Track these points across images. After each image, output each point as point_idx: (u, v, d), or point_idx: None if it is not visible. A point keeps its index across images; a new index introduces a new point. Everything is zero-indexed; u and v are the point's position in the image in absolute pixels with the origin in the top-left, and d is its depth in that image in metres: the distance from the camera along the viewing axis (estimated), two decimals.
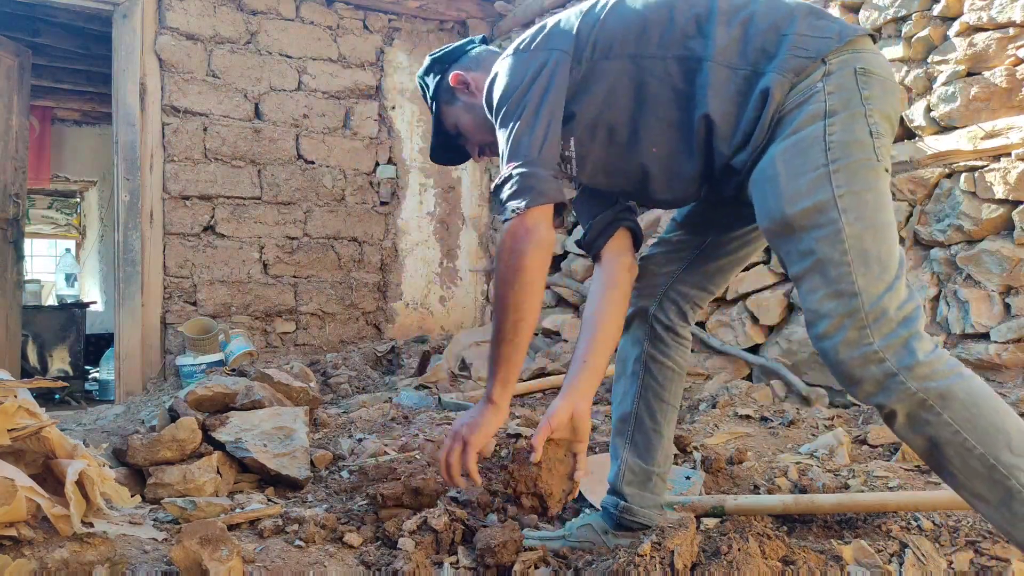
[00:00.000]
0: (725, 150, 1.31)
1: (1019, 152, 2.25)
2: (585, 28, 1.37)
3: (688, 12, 1.32)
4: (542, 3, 4.38)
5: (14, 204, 4.28)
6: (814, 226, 1.19)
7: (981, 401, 1.11)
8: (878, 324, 1.13)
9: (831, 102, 1.22)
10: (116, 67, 3.93)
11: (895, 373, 1.12)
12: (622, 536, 1.55)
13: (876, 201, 1.19)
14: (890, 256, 1.17)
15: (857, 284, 1.15)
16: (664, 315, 1.55)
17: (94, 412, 3.43)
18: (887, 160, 1.23)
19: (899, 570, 1.47)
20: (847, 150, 1.20)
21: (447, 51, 1.62)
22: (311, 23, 4.45)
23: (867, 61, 1.24)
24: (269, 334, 4.32)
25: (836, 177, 1.19)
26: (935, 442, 1.13)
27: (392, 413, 2.69)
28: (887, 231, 1.19)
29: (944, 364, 1.13)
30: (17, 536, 1.16)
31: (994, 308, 2.35)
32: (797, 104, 1.24)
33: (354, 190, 4.58)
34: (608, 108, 1.37)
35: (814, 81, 1.23)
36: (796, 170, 1.21)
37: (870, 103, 1.22)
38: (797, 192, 1.20)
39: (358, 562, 1.43)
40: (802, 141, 1.22)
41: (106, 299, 7.47)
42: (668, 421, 1.59)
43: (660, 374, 1.56)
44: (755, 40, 1.28)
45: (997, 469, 1.09)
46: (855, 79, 1.23)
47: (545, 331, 4.07)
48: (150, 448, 1.86)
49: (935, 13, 2.50)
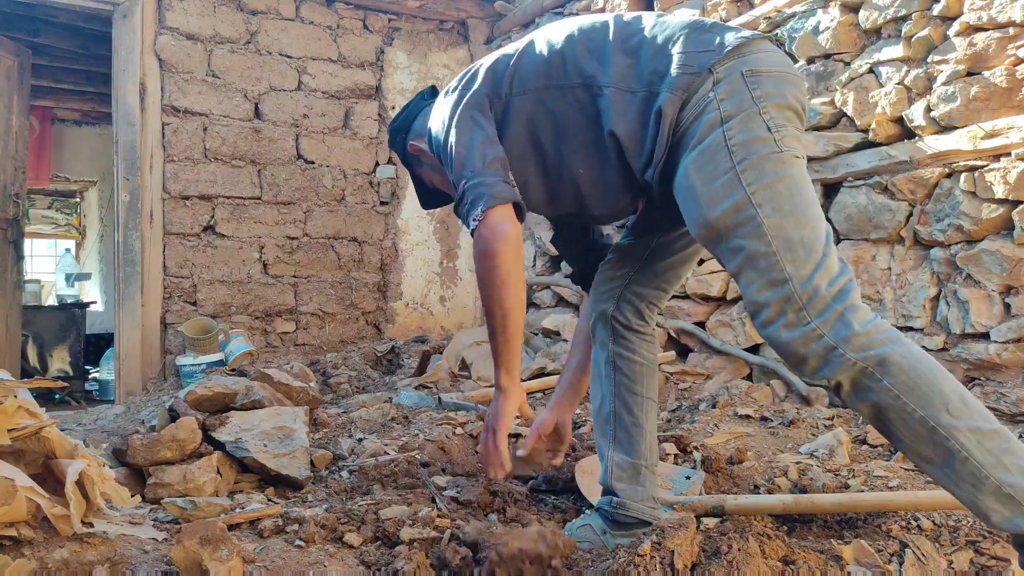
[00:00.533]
0: (636, 166, 1.40)
1: (1019, 152, 2.25)
2: (500, 69, 1.51)
3: (588, 45, 1.44)
4: (541, 3, 4.38)
5: (14, 204, 4.28)
6: (736, 224, 1.26)
7: (919, 366, 1.17)
8: (812, 303, 1.20)
9: (724, 108, 1.29)
10: (116, 67, 3.93)
11: (835, 346, 1.19)
12: (620, 535, 1.57)
13: (789, 188, 1.26)
14: (814, 237, 1.24)
15: (786, 270, 1.22)
16: (622, 315, 1.66)
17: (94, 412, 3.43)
18: (794, 147, 1.30)
19: (899, 570, 1.47)
20: (749, 148, 1.27)
21: (402, 119, 1.77)
22: (311, 23, 4.45)
23: (753, 62, 1.32)
24: (269, 334, 4.32)
25: (745, 176, 1.26)
26: (879, 408, 1.19)
27: (392, 413, 2.69)
28: (806, 213, 1.25)
29: (881, 333, 1.19)
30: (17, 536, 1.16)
31: (994, 308, 2.35)
32: (695, 116, 1.32)
33: (354, 190, 4.58)
34: (533, 139, 1.49)
35: (705, 92, 1.31)
36: (708, 177, 1.29)
37: (762, 100, 1.29)
38: (713, 197, 1.28)
39: (358, 562, 1.43)
40: (707, 149, 1.30)
41: (106, 299, 7.46)
42: (646, 413, 1.66)
43: (629, 369, 1.66)
44: (647, 64, 1.38)
45: (937, 431, 1.15)
46: (743, 82, 1.30)
47: (545, 331, 4.07)
48: (150, 448, 1.85)
49: (935, 13, 2.50)
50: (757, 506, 1.76)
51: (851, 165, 2.73)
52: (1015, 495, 1.11)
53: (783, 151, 1.27)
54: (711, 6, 3.36)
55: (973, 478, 1.13)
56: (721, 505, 1.76)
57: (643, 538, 1.34)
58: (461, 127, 1.45)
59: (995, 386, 2.36)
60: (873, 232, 2.68)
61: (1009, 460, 1.12)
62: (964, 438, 1.13)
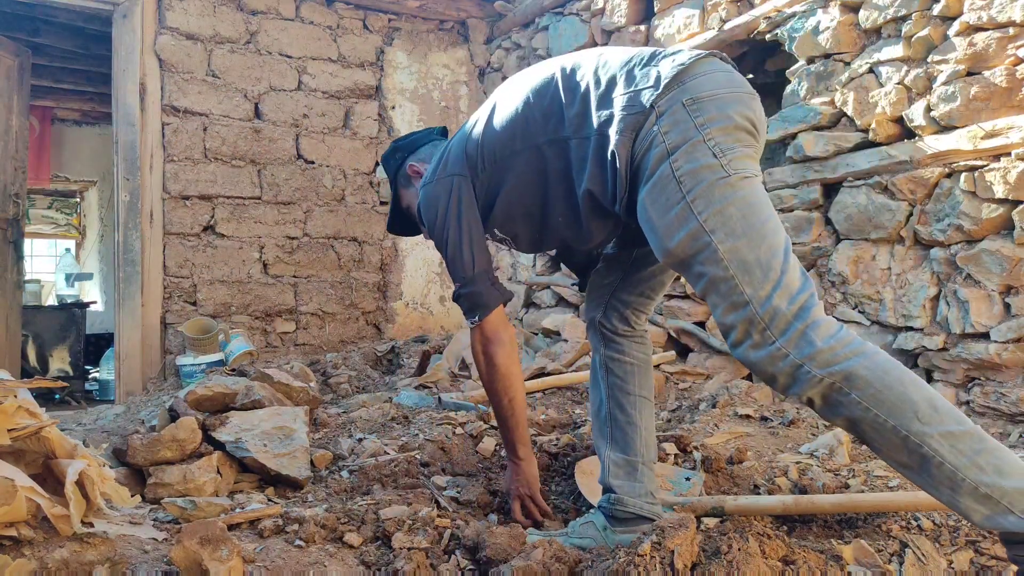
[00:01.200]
0: (606, 203, 1.48)
1: (1019, 152, 2.25)
2: (471, 149, 1.64)
3: (540, 105, 1.54)
4: (541, 3, 4.38)
5: (14, 204, 4.28)
6: (694, 252, 1.31)
7: (886, 376, 1.19)
8: (775, 323, 1.24)
9: (669, 140, 1.33)
10: (116, 67, 3.93)
11: (800, 364, 1.21)
12: (621, 531, 1.59)
13: (740, 211, 1.29)
14: (771, 255, 1.27)
15: (746, 293, 1.25)
16: (609, 322, 1.73)
17: (94, 412, 3.43)
18: (745, 168, 1.32)
19: (899, 570, 1.47)
20: (696, 177, 1.31)
21: (409, 139, 1.94)
22: (311, 23, 4.45)
23: (694, 89, 1.35)
24: (269, 334, 4.32)
25: (695, 205, 1.30)
26: (852, 420, 1.21)
27: (392, 413, 2.68)
28: (760, 231, 1.28)
29: (845, 346, 1.21)
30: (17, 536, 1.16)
31: (994, 308, 2.35)
32: (644, 151, 1.37)
33: (354, 190, 4.58)
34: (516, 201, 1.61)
35: (649, 127, 1.36)
36: (662, 209, 1.34)
37: (705, 128, 1.32)
38: (669, 228, 1.33)
39: (358, 562, 1.43)
40: (658, 182, 1.35)
41: (106, 299, 7.46)
42: (640, 411, 1.70)
43: (620, 370, 1.71)
44: (595, 110, 1.45)
45: (910, 439, 1.16)
46: (685, 111, 1.34)
47: (545, 331, 4.07)
48: (150, 448, 1.85)
49: (935, 13, 2.50)
50: (757, 506, 1.76)
51: (851, 165, 2.73)
52: (992, 494, 1.12)
53: (731, 175, 1.30)
54: (711, 6, 3.36)
55: (950, 481, 1.14)
56: (721, 505, 1.76)
57: (643, 538, 1.34)
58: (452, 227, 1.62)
59: (995, 386, 2.36)
60: (873, 232, 2.68)
61: (984, 460, 1.13)
62: (936, 443, 1.15)
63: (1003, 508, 1.12)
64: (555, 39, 4.29)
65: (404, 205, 1.94)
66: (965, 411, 2.43)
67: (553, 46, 4.30)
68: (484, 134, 1.63)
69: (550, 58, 1.75)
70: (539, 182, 1.57)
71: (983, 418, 2.38)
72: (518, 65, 4.67)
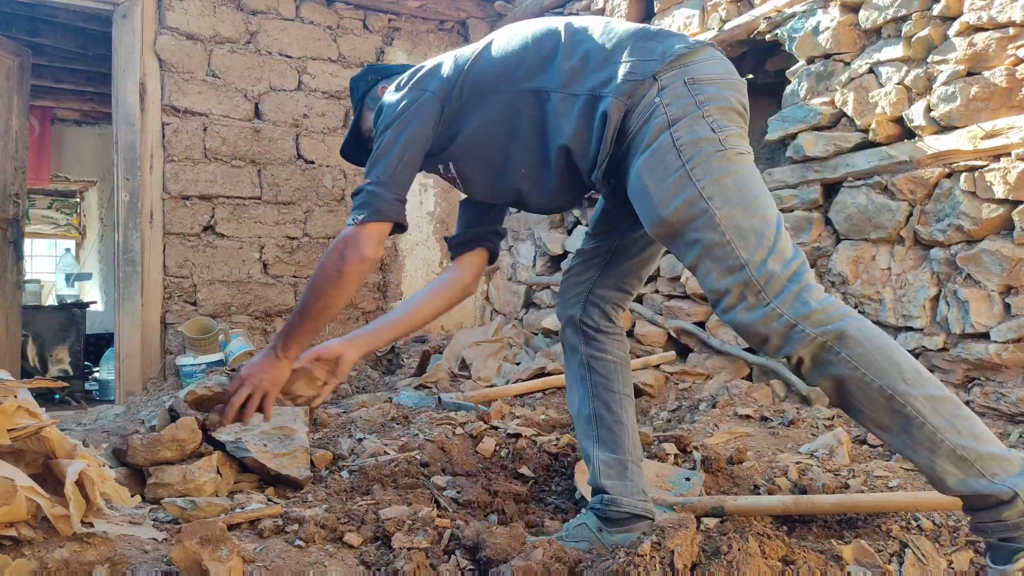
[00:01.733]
0: (584, 167, 1.49)
1: (1019, 152, 2.25)
2: (453, 74, 1.58)
3: (538, 52, 1.53)
4: (541, 3, 4.38)
5: (14, 204, 4.28)
6: (690, 219, 1.34)
7: (876, 339, 1.25)
8: (770, 285, 1.28)
9: (671, 112, 1.38)
10: (116, 67, 3.93)
11: (794, 323, 1.26)
12: (616, 531, 1.58)
13: (736, 182, 1.34)
14: (765, 224, 1.32)
15: (742, 257, 1.30)
16: (590, 319, 1.71)
17: (94, 412, 3.43)
18: (739, 144, 1.38)
19: (899, 570, 1.47)
20: (696, 147, 1.35)
21: (384, 66, 1.87)
22: (311, 23, 4.45)
23: (695, 72, 1.40)
24: (269, 334, 4.32)
25: (694, 172, 1.34)
26: (839, 380, 1.26)
27: (392, 413, 2.69)
28: (754, 203, 1.33)
29: (837, 309, 1.27)
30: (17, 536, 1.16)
31: (994, 308, 2.35)
32: (643, 122, 1.40)
33: None
34: (481, 140, 1.57)
35: (651, 98, 1.39)
36: (659, 177, 1.37)
37: (705, 105, 1.38)
38: (666, 195, 1.36)
39: (358, 562, 1.43)
40: (657, 151, 1.37)
41: (106, 299, 7.46)
42: (626, 410, 1.69)
43: (603, 368, 1.70)
44: (594, 70, 1.45)
45: (895, 399, 1.22)
46: (687, 89, 1.39)
47: (545, 331, 4.07)
48: (150, 448, 1.85)
49: (935, 13, 2.50)
50: (757, 506, 1.76)
51: (851, 165, 2.73)
52: (967, 456, 1.19)
53: (727, 148, 1.35)
54: (711, 6, 3.36)
55: (929, 442, 1.20)
56: (721, 505, 1.76)
57: (643, 538, 1.34)
58: (397, 131, 1.53)
59: (995, 386, 2.36)
60: (873, 232, 2.68)
61: (961, 424, 1.20)
62: (920, 404, 1.21)
63: (976, 471, 1.18)
64: None
65: (365, 129, 1.85)
66: None
67: None
68: (472, 64, 1.58)
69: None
70: (508, 131, 1.54)
71: (983, 418, 2.37)
72: None
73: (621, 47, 1.46)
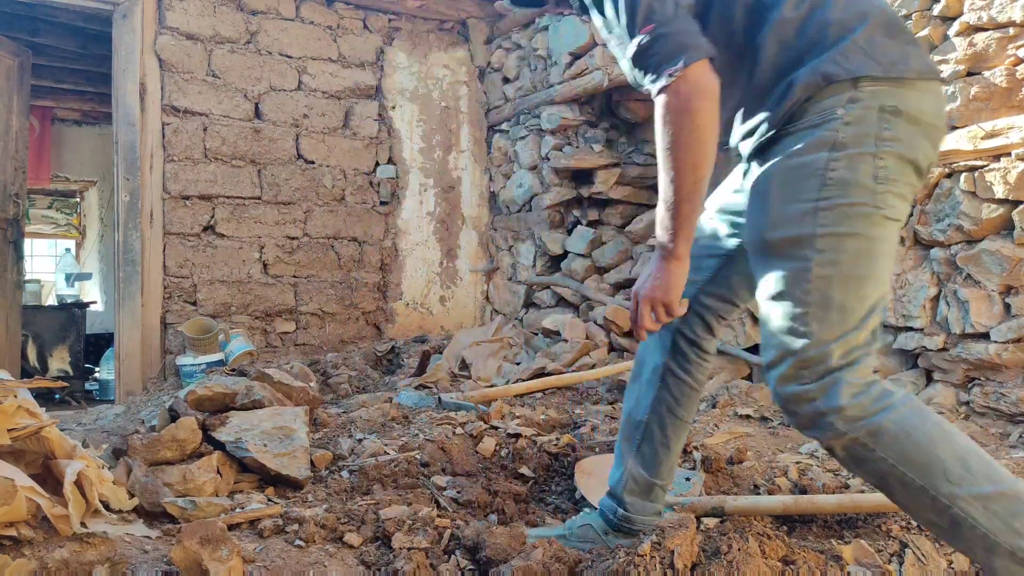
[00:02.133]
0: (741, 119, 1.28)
1: (1019, 152, 2.25)
2: None
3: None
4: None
5: (14, 204, 4.28)
6: (786, 257, 1.19)
7: (913, 432, 1.13)
8: (816, 367, 1.16)
9: (844, 133, 1.16)
10: (116, 67, 3.93)
11: (824, 413, 1.15)
12: (622, 537, 1.56)
13: (860, 249, 1.16)
14: (858, 304, 1.16)
15: (810, 327, 1.16)
16: (689, 329, 1.49)
17: (94, 412, 3.43)
18: (894, 207, 1.18)
19: (899, 570, 1.47)
20: (844, 190, 1.16)
21: None
22: (311, 23, 4.45)
23: (902, 99, 1.16)
24: (269, 334, 4.32)
25: (823, 215, 1.16)
26: (877, 475, 1.17)
27: (392, 413, 2.68)
28: (863, 279, 1.16)
29: (875, 401, 1.14)
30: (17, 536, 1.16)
31: (994, 308, 2.35)
32: (812, 124, 1.19)
33: (354, 190, 4.58)
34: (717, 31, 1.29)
35: (836, 104, 1.17)
36: (788, 196, 1.19)
37: (886, 145, 1.15)
38: (782, 218, 1.19)
39: (358, 562, 1.43)
40: (803, 167, 1.18)
41: (106, 299, 7.46)
42: (678, 437, 1.56)
43: (677, 389, 1.52)
44: (815, 27, 1.21)
45: (939, 500, 1.11)
46: (877, 116, 1.16)
47: (545, 331, 4.07)
48: (150, 448, 1.85)
49: (935, 13, 2.50)
50: (757, 506, 1.76)
51: None
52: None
53: (876, 208, 1.16)
54: None
55: (984, 543, 1.10)
56: (721, 505, 1.76)
57: (643, 538, 1.34)
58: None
59: (995, 386, 2.36)
60: None
61: (1020, 524, 1.07)
62: (968, 506, 1.09)
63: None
64: (555, 39, 4.29)
65: None
66: (965, 411, 2.43)
67: (553, 46, 4.30)
68: None
69: None
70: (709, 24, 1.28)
71: (983, 418, 2.38)
72: (518, 65, 4.67)
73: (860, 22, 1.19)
